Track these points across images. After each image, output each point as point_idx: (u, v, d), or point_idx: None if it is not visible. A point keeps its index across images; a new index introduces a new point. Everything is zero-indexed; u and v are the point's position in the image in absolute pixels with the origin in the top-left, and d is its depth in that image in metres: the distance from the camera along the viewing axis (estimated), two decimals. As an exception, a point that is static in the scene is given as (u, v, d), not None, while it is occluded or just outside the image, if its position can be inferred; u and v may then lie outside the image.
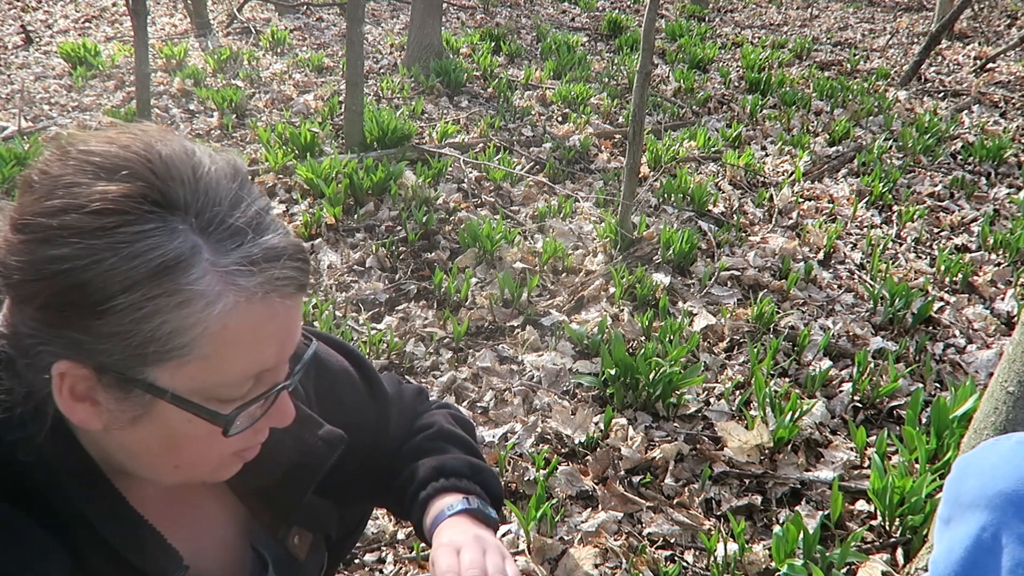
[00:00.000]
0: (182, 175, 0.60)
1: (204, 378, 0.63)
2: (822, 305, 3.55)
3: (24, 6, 9.87)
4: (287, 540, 0.89)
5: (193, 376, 0.62)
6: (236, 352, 0.63)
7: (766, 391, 2.70)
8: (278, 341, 0.66)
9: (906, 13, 11.95)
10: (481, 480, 1.01)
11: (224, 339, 0.61)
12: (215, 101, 5.93)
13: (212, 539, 0.85)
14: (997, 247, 4.08)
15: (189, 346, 0.60)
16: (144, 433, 0.65)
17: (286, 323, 0.66)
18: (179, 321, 0.59)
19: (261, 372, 0.67)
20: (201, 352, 0.61)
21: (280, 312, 0.64)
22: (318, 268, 3.72)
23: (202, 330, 0.60)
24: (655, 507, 2.33)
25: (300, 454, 0.87)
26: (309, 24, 9.27)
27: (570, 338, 3.13)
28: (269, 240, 0.63)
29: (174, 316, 0.59)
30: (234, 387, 0.65)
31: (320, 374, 0.98)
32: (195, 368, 0.62)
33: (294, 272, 0.64)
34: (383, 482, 1.04)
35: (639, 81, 3.67)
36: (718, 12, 11.60)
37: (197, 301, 0.59)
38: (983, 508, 0.67)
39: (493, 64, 7.27)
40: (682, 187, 4.50)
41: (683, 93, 6.80)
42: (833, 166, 5.21)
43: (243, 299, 0.61)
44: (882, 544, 2.21)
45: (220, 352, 0.62)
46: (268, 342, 0.65)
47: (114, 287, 0.57)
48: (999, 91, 7.12)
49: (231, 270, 0.60)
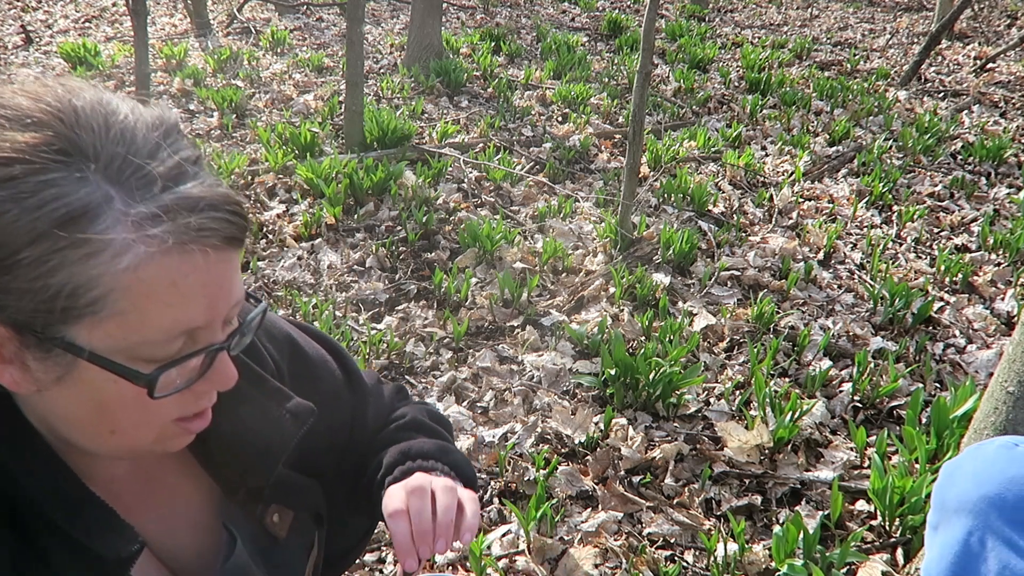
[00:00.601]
0: (93, 124, 0.58)
1: (124, 336, 0.59)
2: (822, 305, 3.55)
3: (24, 6, 9.87)
4: (264, 518, 0.87)
5: (112, 333, 0.59)
6: (155, 307, 0.59)
7: (766, 391, 2.70)
8: (206, 297, 0.62)
9: (906, 13, 11.95)
10: (450, 461, 0.98)
11: (139, 293, 0.58)
12: (215, 101, 5.93)
13: (185, 519, 0.83)
14: (997, 247, 4.08)
15: (102, 301, 0.57)
16: (72, 396, 0.63)
17: (215, 278, 0.62)
18: (88, 274, 0.56)
19: (192, 330, 0.63)
20: (117, 307, 0.58)
21: (203, 265, 0.60)
22: (318, 268, 3.72)
23: (114, 283, 0.57)
24: (655, 507, 2.33)
25: (268, 426, 0.85)
26: (309, 24, 9.27)
27: (570, 338, 3.13)
28: (189, 189, 0.59)
29: (82, 268, 0.56)
30: (159, 345, 0.61)
31: (296, 355, 0.96)
32: (113, 325, 0.58)
33: (218, 223, 0.60)
34: (357, 475, 1.02)
35: (639, 81, 3.67)
36: (718, 12, 11.60)
37: (105, 252, 0.56)
38: (968, 513, 0.67)
39: (493, 64, 7.27)
40: (682, 187, 4.50)
41: (683, 93, 6.80)
42: (833, 166, 5.21)
43: (156, 249, 0.57)
44: (882, 544, 2.21)
45: (138, 307, 0.58)
46: (193, 297, 0.61)
47: (19, 240, 0.54)
48: (999, 91, 7.12)
49: (142, 218, 0.57)
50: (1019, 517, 0.64)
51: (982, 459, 0.70)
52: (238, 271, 0.66)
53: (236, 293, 0.66)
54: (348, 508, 1.06)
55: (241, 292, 0.68)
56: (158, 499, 0.81)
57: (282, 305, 3.40)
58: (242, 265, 3.59)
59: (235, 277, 0.65)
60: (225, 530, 0.83)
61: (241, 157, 4.66)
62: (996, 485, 0.66)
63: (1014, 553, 0.62)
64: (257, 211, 4.25)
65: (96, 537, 0.68)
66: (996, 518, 0.64)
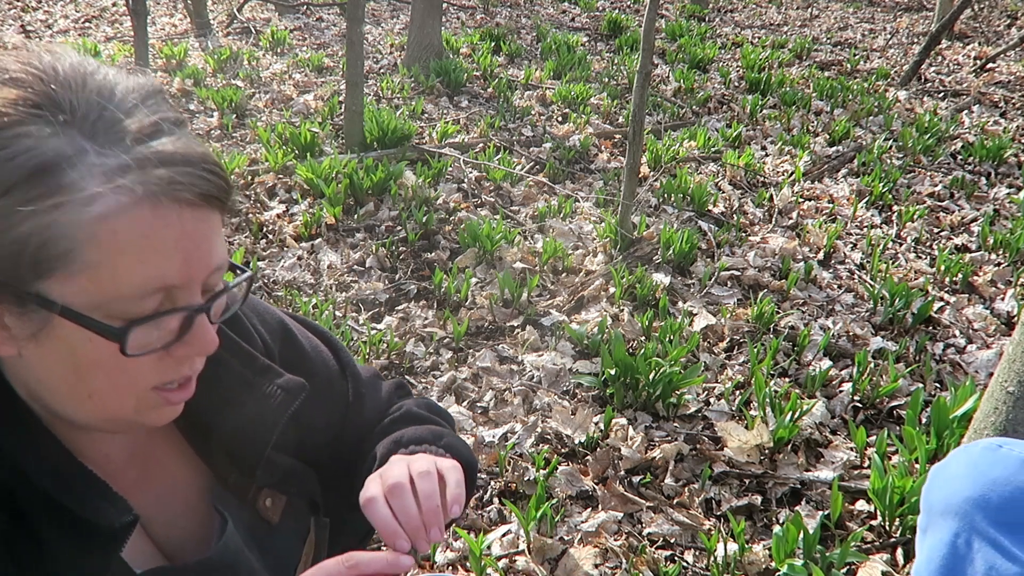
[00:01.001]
0: (71, 82, 0.58)
1: (96, 290, 0.59)
2: (822, 305, 3.55)
3: (24, 6, 9.87)
4: (257, 502, 0.86)
5: (85, 288, 0.59)
6: (127, 261, 0.59)
7: (766, 391, 2.70)
8: (181, 253, 0.61)
9: (906, 13, 11.95)
10: (445, 444, 0.96)
11: (110, 245, 0.57)
12: (215, 101, 5.93)
13: (178, 501, 0.82)
14: (997, 247, 4.08)
15: (73, 253, 0.57)
16: (49, 356, 0.63)
17: (190, 235, 0.61)
18: (58, 224, 0.56)
19: (168, 289, 0.62)
20: (88, 260, 0.57)
21: (176, 220, 0.60)
22: (318, 268, 3.72)
23: (84, 234, 0.57)
24: (655, 507, 2.33)
25: (258, 403, 0.83)
26: (309, 24, 9.27)
27: (570, 338, 3.13)
28: (163, 143, 0.59)
29: (52, 219, 0.56)
30: (133, 302, 0.61)
31: (289, 341, 0.96)
32: (85, 279, 0.58)
33: (192, 179, 0.60)
34: (354, 470, 1.01)
35: (639, 81, 3.67)
36: (718, 12, 11.60)
37: (75, 203, 0.56)
38: (954, 515, 0.67)
39: (493, 64, 7.27)
40: (682, 187, 4.51)
41: (683, 93, 6.80)
42: (833, 166, 5.21)
43: (127, 200, 0.57)
44: (882, 544, 2.21)
45: (109, 260, 0.58)
46: (167, 253, 0.60)
47: None
48: (999, 91, 7.13)
49: (112, 169, 0.57)
50: (1004, 519, 0.64)
51: (966, 461, 0.71)
52: (219, 235, 0.66)
53: (216, 256, 0.65)
54: (347, 505, 1.05)
55: (224, 257, 0.67)
56: (152, 480, 0.81)
57: (282, 305, 3.40)
58: (242, 264, 3.59)
59: (215, 239, 0.65)
60: (217, 513, 0.83)
61: (241, 157, 4.66)
62: (980, 487, 0.66)
63: (999, 554, 0.63)
64: (257, 211, 4.25)
65: (88, 506, 0.67)
66: (981, 519, 0.65)
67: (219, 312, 0.71)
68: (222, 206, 0.64)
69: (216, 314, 0.70)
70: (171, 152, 0.60)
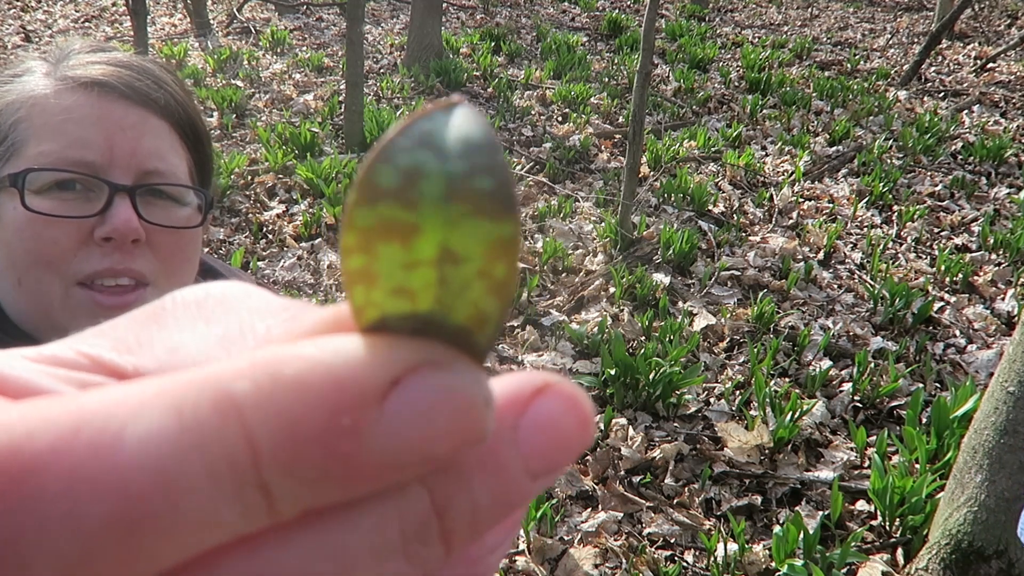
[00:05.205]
0: (73, 46, 0.75)
1: (24, 163, 0.68)
2: (822, 305, 3.55)
3: (24, 6, 9.87)
4: None
5: (16, 164, 0.69)
6: (49, 132, 0.69)
7: (766, 391, 2.70)
8: (102, 133, 0.70)
9: (906, 13, 11.96)
10: None
11: (41, 119, 0.69)
12: (215, 101, 5.93)
13: None
14: (997, 247, 4.07)
15: (15, 127, 0.69)
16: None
17: (116, 120, 0.71)
18: (8, 109, 0.70)
19: (91, 165, 0.69)
20: (23, 134, 0.69)
21: (99, 103, 0.70)
22: (318, 268, 3.72)
23: (23, 112, 0.69)
24: (655, 507, 2.33)
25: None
26: (309, 24, 9.27)
27: (570, 338, 3.13)
28: (101, 56, 0.74)
29: (5, 104, 0.70)
30: (55, 174, 0.69)
31: None
32: (20, 158, 0.69)
33: (124, 78, 0.72)
34: None
35: (639, 81, 3.67)
36: (718, 12, 11.60)
37: (18, 90, 0.71)
38: None
39: (493, 64, 7.27)
40: (682, 187, 4.50)
41: (683, 93, 6.80)
42: (833, 166, 5.21)
43: (60, 87, 0.70)
44: (882, 544, 2.21)
45: (35, 133, 0.69)
46: (86, 128, 0.69)
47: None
48: (999, 91, 7.12)
49: (53, 70, 0.72)
50: None
51: None
52: (159, 136, 0.74)
53: (148, 147, 0.72)
54: None
55: (163, 153, 0.73)
56: None
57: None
58: (242, 266, 3.59)
59: (147, 133, 0.73)
60: None
61: (241, 157, 4.66)
62: None
63: None
64: (257, 211, 4.25)
65: None
66: None
67: (158, 216, 0.73)
68: (159, 110, 0.73)
69: (152, 215, 0.72)
70: (109, 56, 0.74)
